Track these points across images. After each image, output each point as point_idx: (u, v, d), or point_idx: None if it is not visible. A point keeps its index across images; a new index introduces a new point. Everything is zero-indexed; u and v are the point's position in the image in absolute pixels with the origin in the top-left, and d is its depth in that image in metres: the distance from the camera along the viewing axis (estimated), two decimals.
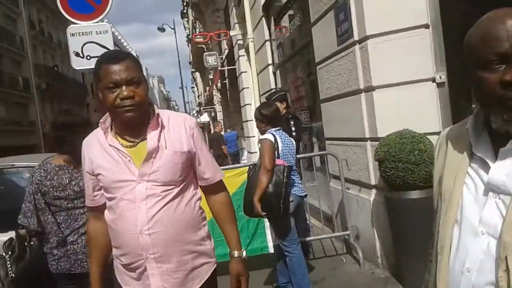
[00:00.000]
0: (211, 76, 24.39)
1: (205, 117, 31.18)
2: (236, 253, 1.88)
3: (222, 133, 15.79)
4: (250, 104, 10.69)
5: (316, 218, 5.48)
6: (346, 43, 4.36)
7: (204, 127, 30.51)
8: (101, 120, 1.77)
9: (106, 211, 1.80)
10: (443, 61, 3.75)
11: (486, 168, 1.02)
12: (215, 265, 1.90)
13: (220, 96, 21.69)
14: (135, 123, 1.71)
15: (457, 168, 1.09)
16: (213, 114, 25.55)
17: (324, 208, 5.26)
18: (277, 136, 3.78)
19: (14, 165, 4.07)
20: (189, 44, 28.43)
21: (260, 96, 9.23)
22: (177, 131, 1.78)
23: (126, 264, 1.76)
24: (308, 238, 4.70)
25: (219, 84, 19.91)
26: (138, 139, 1.73)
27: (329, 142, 5.28)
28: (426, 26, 3.77)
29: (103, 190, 1.79)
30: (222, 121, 19.98)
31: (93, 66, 1.79)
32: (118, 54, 1.75)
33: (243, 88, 11.18)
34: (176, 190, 1.74)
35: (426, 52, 3.79)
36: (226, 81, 16.25)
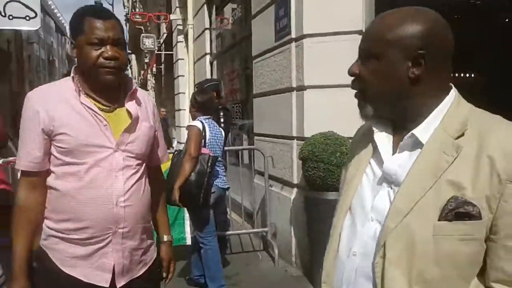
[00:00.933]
0: (147, 60, 23.62)
1: None
2: (165, 237, 1.91)
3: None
4: (184, 92, 10.44)
5: (237, 213, 5.45)
6: (283, 39, 4.34)
7: None
8: (72, 75, 1.58)
9: (58, 179, 1.56)
10: None
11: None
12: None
13: (154, 82, 21.07)
14: (112, 87, 1.60)
15: (361, 158, 1.13)
16: None
17: (246, 204, 5.23)
18: (206, 125, 3.68)
19: None
20: (127, 24, 27.37)
21: (195, 85, 9.03)
22: (144, 106, 1.72)
23: (82, 239, 1.55)
24: (227, 232, 4.65)
25: (154, 69, 19.31)
26: (114, 105, 1.62)
27: (257, 138, 5.26)
28: (360, 32, 3.84)
29: (62, 154, 1.54)
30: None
31: (15, 28, 1.63)
32: (105, 11, 1.62)
33: (178, 76, 10.89)
34: (143, 166, 1.69)
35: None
36: (162, 66, 15.79)
